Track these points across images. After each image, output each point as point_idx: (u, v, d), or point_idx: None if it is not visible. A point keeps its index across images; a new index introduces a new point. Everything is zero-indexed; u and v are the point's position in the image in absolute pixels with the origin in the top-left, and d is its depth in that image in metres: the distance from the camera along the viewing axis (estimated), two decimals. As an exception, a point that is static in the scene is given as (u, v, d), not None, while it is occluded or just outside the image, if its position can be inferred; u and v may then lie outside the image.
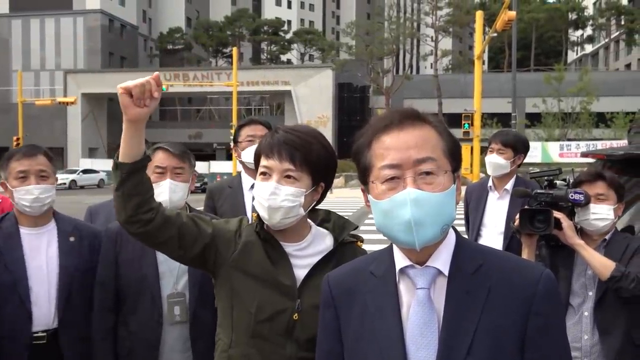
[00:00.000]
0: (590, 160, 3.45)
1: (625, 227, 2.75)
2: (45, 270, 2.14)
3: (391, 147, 1.10)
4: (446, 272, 1.11)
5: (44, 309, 2.11)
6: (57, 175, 2.34)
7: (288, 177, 1.48)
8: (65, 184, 32.42)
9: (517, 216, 2.32)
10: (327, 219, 1.65)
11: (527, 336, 1.06)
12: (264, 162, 1.50)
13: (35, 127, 38.66)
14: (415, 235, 1.07)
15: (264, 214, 1.50)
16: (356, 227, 1.63)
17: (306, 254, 1.55)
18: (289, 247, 1.55)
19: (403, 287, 1.14)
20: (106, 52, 50.28)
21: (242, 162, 2.92)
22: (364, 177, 1.16)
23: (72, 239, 2.21)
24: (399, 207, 1.07)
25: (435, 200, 1.07)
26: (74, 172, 35.03)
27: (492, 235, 3.27)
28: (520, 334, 1.06)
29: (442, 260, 1.12)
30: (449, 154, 1.12)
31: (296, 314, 1.47)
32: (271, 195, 1.46)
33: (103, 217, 2.64)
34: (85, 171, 35.67)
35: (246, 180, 2.92)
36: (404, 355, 1.09)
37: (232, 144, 2.97)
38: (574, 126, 30.67)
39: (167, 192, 2.09)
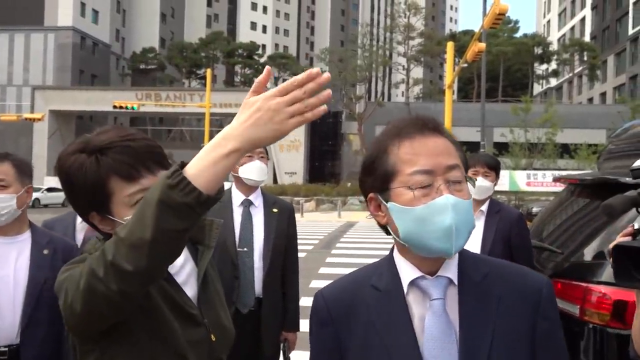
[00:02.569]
0: (556, 188, 3.47)
1: (596, 252, 2.79)
2: (12, 281, 2.04)
3: (421, 153, 1.06)
4: (456, 281, 1.10)
5: (7, 323, 2.00)
6: None
7: None
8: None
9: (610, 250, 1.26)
10: None
11: (536, 340, 1.08)
12: None
13: (-1, 142, 37.68)
14: (454, 242, 1.04)
15: None
16: None
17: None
18: None
19: (411, 300, 1.09)
20: (77, 70, 49.64)
21: (235, 177, 2.88)
22: (382, 183, 1.08)
23: (45, 251, 2.12)
24: (438, 213, 1.04)
25: (468, 207, 1.07)
26: (37, 190, 34.05)
27: None
28: (530, 338, 1.08)
29: (452, 269, 1.10)
30: (463, 164, 1.12)
31: None
32: None
33: (59, 232, 2.50)
34: (49, 189, 34.73)
35: (236, 195, 2.90)
36: None
37: None
38: (540, 156, 31.49)
39: None
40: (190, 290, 1.32)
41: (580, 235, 3.00)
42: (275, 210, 2.92)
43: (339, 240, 16.35)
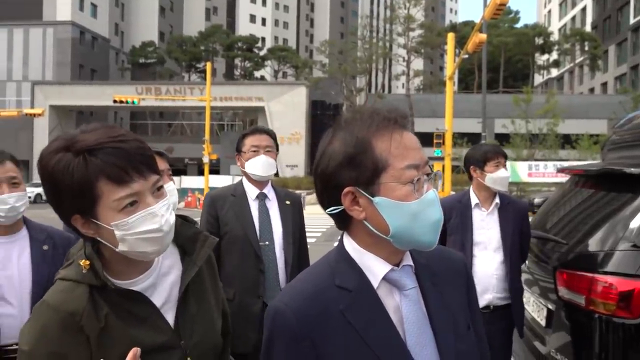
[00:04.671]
0: (558, 179, 3.47)
1: (601, 243, 2.79)
2: (17, 279, 2.05)
3: (410, 147, 1.06)
4: (413, 268, 1.14)
5: (17, 320, 2.00)
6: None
7: None
8: (30, 197, 31.53)
9: None
10: None
11: (470, 307, 1.21)
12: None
13: (-1, 138, 37.69)
14: (438, 234, 1.09)
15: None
16: None
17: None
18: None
19: (382, 294, 1.10)
20: (76, 64, 49.52)
21: (244, 173, 2.84)
22: (369, 177, 1.05)
23: (45, 247, 2.12)
24: (429, 207, 1.06)
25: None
26: (39, 185, 34.10)
27: (488, 254, 3.16)
28: (467, 305, 1.20)
29: (408, 257, 1.14)
30: None
31: None
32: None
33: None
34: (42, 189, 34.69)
35: (250, 189, 2.85)
36: (412, 359, 1.06)
37: (235, 153, 2.90)
38: (541, 147, 31.44)
39: None
40: (171, 309, 1.26)
41: (585, 225, 3.00)
42: (288, 202, 2.89)
43: (340, 232, 16.39)
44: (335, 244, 1.19)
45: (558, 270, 2.86)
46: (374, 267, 1.09)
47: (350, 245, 1.13)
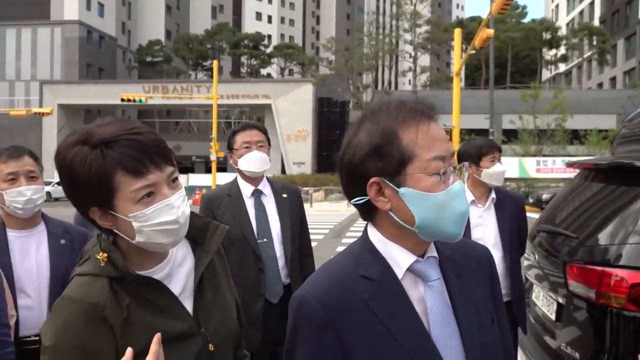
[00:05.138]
0: (566, 175, 3.44)
1: (611, 236, 2.78)
2: (35, 272, 2.09)
3: (437, 138, 1.06)
4: (437, 260, 1.14)
5: (35, 313, 2.05)
6: None
7: None
8: (39, 195, 31.68)
9: None
10: None
11: (494, 299, 1.21)
12: None
13: (8, 137, 37.91)
14: (463, 226, 1.08)
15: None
16: None
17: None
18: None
19: (406, 284, 1.10)
20: (84, 64, 49.79)
21: (238, 170, 2.81)
22: (395, 168, 1.05)
23: (62, 241, 2.17)
24: (455, 199, 1.06)
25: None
26: (48, 184, 34.31)
27: None
28: (490, 299, 1.20)
29: (433, 248, 1.14)
30: None
31: None
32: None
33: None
34: (59, 183, 34.97)
35: (245, 187, 2.81)
36: (436, 350, 1.06)
37: (228, 152, 2.88)
38: (549, 142, 31.27)
39: None
40: (188, 298, 1.27)
41: (595, 219, 2.99)
42: (284, 195, 2.85)
43: (349, 229, 16.39)
44: (344, 240, 1.20)
45: (568, 264, 2.86)
46: (399, 258, 1.09)
47: (375, 236, 1.13)
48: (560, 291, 2.98)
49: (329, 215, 21.24)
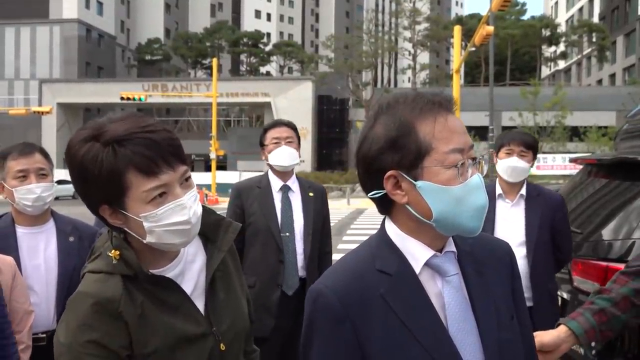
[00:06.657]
0: (567, 171, 3.37)
1: (615, 232, 2.79)
2: (44, 269, 2.09)
3: (455, 131, 1.04)
4: (456, 255, 1.12)
5: (43, 310, 2.05)
6: None
7: None
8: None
9: None
10: None
11: (514, 296, 1.18)
12: None
13: (8, 136, 37.89)
14: (482, 220, 1.06)
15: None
16: None
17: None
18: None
19: (424, 279, 1.08)
20: (83, 62, 49.73)
21: (269, 165, 2.95)
22: (412, 161, 1.03)
23: (71, 238, 2.17)
24: (474, 192, 1.04)
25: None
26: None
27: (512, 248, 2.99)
28: (511, 295, 1.18)
29: (451, 243, 1.12)
30: None
31: None
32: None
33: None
34: (59, 182, 34.95)
35: (274, 181, 2.96)
36: (454, 345, 1.04)
37: (260, 148, 3.03)
38: (549, 139, 31.28)
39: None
40: (200, 296, 1.26)
41: (598, 215, 3.00)
42: (311, 194, 3.00)
43: (349, 227, 16.40)
44: (345, 238, 1.19)
45: (573, 260, 2.87)
46: (416, 252, 1.08)
47: (392, 230, 1.11)
48: (564, 287, 2.99)
49: (330, 213, 21.18)
